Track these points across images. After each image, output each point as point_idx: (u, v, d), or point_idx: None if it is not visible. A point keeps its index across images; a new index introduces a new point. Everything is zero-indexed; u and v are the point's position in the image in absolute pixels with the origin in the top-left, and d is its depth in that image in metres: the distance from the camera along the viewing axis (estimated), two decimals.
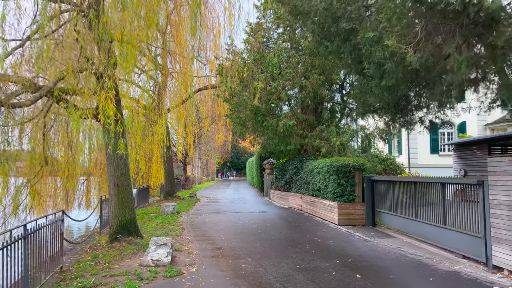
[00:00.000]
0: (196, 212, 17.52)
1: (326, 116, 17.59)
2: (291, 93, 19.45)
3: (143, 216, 15.93)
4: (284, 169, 21.02)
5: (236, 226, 12.91)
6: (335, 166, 12.80)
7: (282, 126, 16.38)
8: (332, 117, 18.02)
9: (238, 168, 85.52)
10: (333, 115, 18.15)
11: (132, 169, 26.31)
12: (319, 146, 16.58)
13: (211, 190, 38.14)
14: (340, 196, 12.73)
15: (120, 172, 9.50)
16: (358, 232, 11.17)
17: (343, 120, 19.40)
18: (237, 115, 19.16)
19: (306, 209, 16.36)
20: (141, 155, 25.35)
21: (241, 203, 22.40)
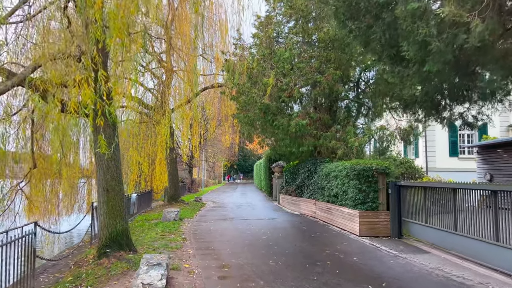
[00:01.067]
0: (201, 219, 16.16)
1: (342, 115, 16.14)
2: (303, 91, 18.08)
3: (143, 224, 14.60)
4: (295, 172, 19.60)
5: (244, 236, 11.52)
6: (356, 169, 11.36)
7: (294, 125, 14.98)
8: (348, 116, 16.57)
9: (245, 171, 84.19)
10: (349, 114, 16.71)
11: (135, 171, 25.15)
12: (335, 147, 15.15)
13: (217, 193, 36.81)
14: (362, 203, 11.28)
15: (111, 175, 8.17)
16: (385, 246, 9.71)
17: (359, 120, 17.95)
18: (245, 114, 17.82)
19: (321, 216, 14.91)
20: (143, 157, 24.13)
21: (249, 208, 21.01)
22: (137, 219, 16.25)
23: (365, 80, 17.78)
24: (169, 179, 23.80)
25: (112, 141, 8.20)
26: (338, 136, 15.72)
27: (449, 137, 26.49)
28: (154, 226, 13.94)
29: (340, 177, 12.47)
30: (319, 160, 15.95)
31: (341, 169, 12.47)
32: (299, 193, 18.40)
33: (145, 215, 17.79)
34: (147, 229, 13.20)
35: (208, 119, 31.39)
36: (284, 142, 16.40)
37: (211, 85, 24.90)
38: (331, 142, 15.14)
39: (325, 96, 15.86)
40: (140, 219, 16.24)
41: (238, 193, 36.66)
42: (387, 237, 11.10)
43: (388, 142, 16.67)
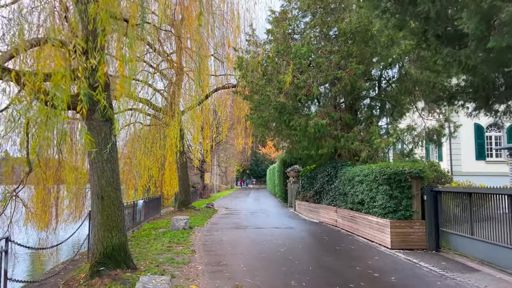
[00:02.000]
0: (212, 227, 14.97)
1: (366, 114, 14.80)
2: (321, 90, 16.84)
3: (150, 233, 13.48)
4: (313, 177, 18.29)
5: (260, 249, 10.27)
6: (386, 173, 10.03)
7: (313, 125, 13.71)
8: (371, 116, 15.23)
9: (258, 176, 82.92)
10: (371, 114, 15.36)
11: (144, 176, 24.17)
12: (358, 149, 13.84)
13: (230, 199, 35.63)
14: (393, 211, 9.94)
15: (106, 180, 7.04)
16: (424, 261, 8.36)
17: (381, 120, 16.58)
18: (259, 114, 16.64)
19: (344, 225, 13.58)
20: (153, 161, 23.12)
21: (263, 215, 19.75)
22: (144, 227, 15.16)
23: (387, 78, 16.45)
24: (180, 184, 22.75)
25: (108, 140, 7.11)
26: (361, 137, 14.41)
27: (475, 139, 24.87)
28: (161, 235, 12.81)
29: (367, 182, 11.15)
30: (340, 163, 14.63)
31: (367, 173, 11.15)
32: (318, 199, 17.08)
33: (153, 222, 16.69)
34: (153, 239, 12.06)
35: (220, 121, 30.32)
36: (301, 144, 15.14)
37: (223, 86, 23.81)
38: (354, 143, 13.83)
39: (346, 94, 14.57)
40: (147, 227, 15.14)
41: (251, 199, 35.44)
42: (422, 250, 9.73)
43: (415, 144, 15.30)
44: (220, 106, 25.94)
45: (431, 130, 14.51)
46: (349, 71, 13.57)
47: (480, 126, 23.83)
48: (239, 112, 24.89)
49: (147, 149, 21.64)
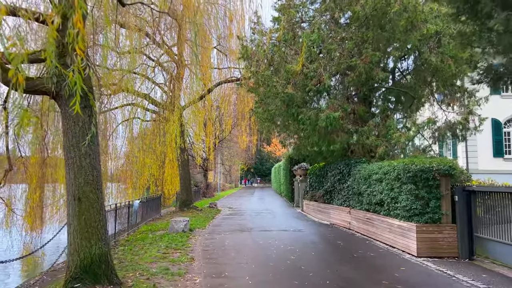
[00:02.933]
0: (214, 230, 13.80)
1: (381, 107, 13.52)
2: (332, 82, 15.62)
3: (146, 236, 12.34)
4: (323, 175, 17.07)
5: (267, 256, 9.08)
6: (412, 170, 8.80)
7: (325, 119, 12.49)
8: (387, 108, 13.95)
9: (263, 174, 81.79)
10: (386, 106, 14.07)
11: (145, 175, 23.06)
12: (374, 144, 12.61)
13: (234, 198, 34.48)
14: (420, 214, 8.71)
15: (84, 178, 5.88)
16: (461, 273, 7.13)
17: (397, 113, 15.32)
18: (265, 108, 15.46)
19: (358, 228, 12.35)
20: (153, 159, 22.02)
21: (269, 216, 18.56)
22: (141, 229, 14.02)
23: (401, 70, 15.18)
24: (181, 183, 21.62)
25: (87, 131, 5.94)
26: (377, 131, 13.18)
27: (492, 135, 23.53)
28: (158, 239, 11.65)
29: (387, 180, 9.92)
30: (354, 160, 13.40)
31: (388, 171, 9.92)
32: (328, 199, 15.86)
33: (152, 224, 15.55)
34: (149, 243, 10.91)
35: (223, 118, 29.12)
36: (311, 139, 13.92)
37: (226, 80, 22.64)
38: (369, 138, 12.60)
39: (361, 84, 13.31)
40: (144, 229, 14.01)
41: (255, 198, 34.26)
42: (453, 258, 8.50)
43: (434, 139, 14.04)
44: (223, 102, 24.76)
45: (454, 124, 13.23)
46: (364, 59, 12.33)
47: (498, 121, 22.52)
48: (243, 107, 23.70)
49: (146, 146, 20.52)
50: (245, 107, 23.48)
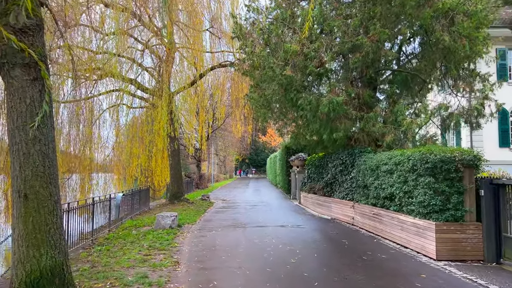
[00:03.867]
0: (205, 226, 12.61)
1: (388, 91, 12.26)
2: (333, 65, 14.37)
3: (128, 233, 11.13)
4: (323, 166, 15.90)
5: (264, 258, 7.90)
6: (430, 161, 7.63)
7: (327, 104, 11.26)
8: (394, 93, 12.73)
9: (258, 165, 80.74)
10: (394, 90, 12.84)
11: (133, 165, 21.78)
12: (381, 132, 11.42)
13: (228, 190, 33.33)
14: (440, 211, 7.56)
15: (33, 169, 4.61)
16: (493, 283, 6.00)
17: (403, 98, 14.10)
18: (261, 93, 14.23)
19: (363, 224, 11.22)
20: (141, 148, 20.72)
21: (265, 209, 17.41)
22: (125, 225, 12.80)
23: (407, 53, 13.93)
24: (171, 174, 20.35)
25: (37, 109, 4.67)
26: (383, 118, 12.00)
27: (499, 124, 22.37)
28: (142, 237, 10.46)
29: (399, 172, 8.75)
30: (359, 150, 12.22)
31: (400, 161, 8.74)
32: (329, 192, 14.71)
33: (138, 219, 14.34)
34: (131, 242, 9.70)
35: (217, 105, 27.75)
36: (311, 127, 12.70)
37: (220, 64, 21.29)
38: (377, 125, 11.41)
39: (367, 65, 12.05)
40: (128, 225, 12.79)
41: (250, 190, 33.12)
42: (478, 261, 7.38)
43: (445, 126, 12.91)
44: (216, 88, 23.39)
45: (468, 110, 12.07)
46: (372, 36, 11.06)
47: (505, 110, 21.40)
48: (237, 94, 22.37)
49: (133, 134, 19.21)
50: (239, 94, 22.16)
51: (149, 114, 18.80)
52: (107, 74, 17.21)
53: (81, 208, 9.37)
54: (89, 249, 9.02)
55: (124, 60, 18.78)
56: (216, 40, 22.08)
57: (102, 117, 19.07)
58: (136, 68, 18.83)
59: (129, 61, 19.06)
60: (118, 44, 18.13)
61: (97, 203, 10.49)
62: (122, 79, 17.37)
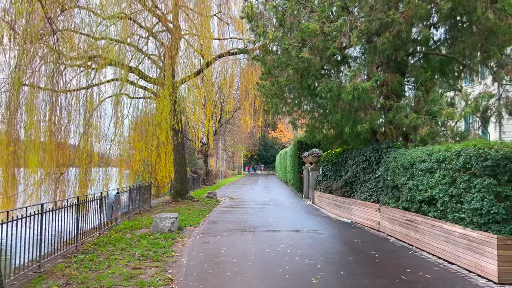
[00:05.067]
0: (209, 229, 11.14)
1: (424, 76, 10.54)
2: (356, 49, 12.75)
3: (121, 237, 9.71)
4: (341, 163, 14.32)
5: (280, 276, 6.37)
6: (491, 157, 6.03)
7: (351, 90, 9.64)
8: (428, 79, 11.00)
9: (267, 161, 79.33)
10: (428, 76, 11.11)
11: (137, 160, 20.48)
12: (414, 124, 9.78)
13: (236, 187, 31.89)
14: (503, 221, 5.96)
15: None
16: None
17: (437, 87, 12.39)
18: (273, 81, 12.71)
19: (392, 232, 9.64)
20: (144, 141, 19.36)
21: (276, 209, 15.90)
22: (120, 226, 11.40)
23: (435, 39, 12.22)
24: (175, 169, 18.95)
25: None
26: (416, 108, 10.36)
27: None
28: (135, 243, 9.03)
29: (445, 170, 7.15)
30: (386, 144, 10.62)
31: (445, 157, 7.14)
32: (348, 192, 13.13)
33: (135, 219, 12.94)
34: (121, 250, 8.28)
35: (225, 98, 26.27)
36: (331, 118, 11.11)
37: (228, 52, 19.75)
38: (410, 116, 9.77)
39: (398, 47, 10.42)
40: (124, 226, 11.39)
41: (259, 187, 31.64)
42: None
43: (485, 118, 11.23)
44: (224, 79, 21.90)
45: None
46: (406, 12, 9.43)
47: None
48: (247, 85, 20.86)
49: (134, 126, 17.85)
50: (249, 85, 20.65)
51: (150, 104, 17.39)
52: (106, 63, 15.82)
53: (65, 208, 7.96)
54: (70, 258, 7.61)
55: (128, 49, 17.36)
56: (224, 26, 20.59)
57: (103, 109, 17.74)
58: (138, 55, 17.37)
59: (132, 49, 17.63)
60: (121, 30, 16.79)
61: (83, 203, 9.07)
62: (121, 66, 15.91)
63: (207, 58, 18.70)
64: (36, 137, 15.07)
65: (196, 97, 20.02)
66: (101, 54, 16.25)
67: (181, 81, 18.03)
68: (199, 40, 18.92)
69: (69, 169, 17.23)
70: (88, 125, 16.43)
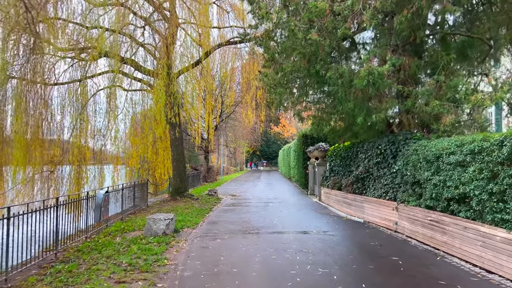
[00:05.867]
0: (208, 231, 10.11)
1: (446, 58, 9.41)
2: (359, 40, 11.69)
3: (110, 241, 8.71)
4: (351, 157, 13.27)
5: None
6: None
7: (365, 75, 8.59)
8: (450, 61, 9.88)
9: (269, 157, 78.31)
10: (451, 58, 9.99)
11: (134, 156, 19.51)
12: (436, 112, 8.71)
13: (238, 183, 30.87)
14: None
15: None
16: None
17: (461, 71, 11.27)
18: (277, 68, 11.66)
19: (413, 233, 8.59)
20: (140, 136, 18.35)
21: (280, 208, 14.87)
22: (110, 229, 10.38)
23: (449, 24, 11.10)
24: (173, 166, 17.91)
25: None
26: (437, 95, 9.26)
27: None
28: (124, 249, 8.01)
29: (481, 163, 6.09)
30: (404, 136, 9.56)
31: (484, 148, 6.08)
32: (360, 189, 12.07)
33: (129, 220, 11.92)
34: (106, 257, 7.26)
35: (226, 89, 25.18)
36: (343, 107, 10.06)
37: (228, 41, 18.66)
38: (430, 103, 8.68)
39: (413, 29, 9.33)
40: (115, 228, 10.38)
41: (262, 183, 30.61)
42: None
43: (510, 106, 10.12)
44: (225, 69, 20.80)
45: None
46: None
47: None
48: (248, 76, 19.77)
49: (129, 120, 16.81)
50: (250, 76, 19.58)
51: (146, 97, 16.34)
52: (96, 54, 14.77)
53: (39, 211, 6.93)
54: (46, 268, 6.60)
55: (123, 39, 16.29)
56: (224, 14, 19.49)
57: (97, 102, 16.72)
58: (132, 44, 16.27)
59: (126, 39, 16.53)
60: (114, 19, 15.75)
61: (65, 204, 8.05)
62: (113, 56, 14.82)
63: (205, 47, 17.59)
64: (22, 133, 14.07)
65: (195, 89, 18.97)
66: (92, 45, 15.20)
67: (178, 72, 16.98)
68: (197, 29, 17.85)
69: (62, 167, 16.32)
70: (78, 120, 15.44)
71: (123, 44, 16.72)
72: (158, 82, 13.93)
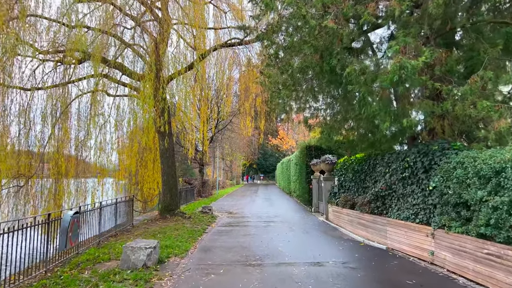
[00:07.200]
0: (199, 263, 8.22)
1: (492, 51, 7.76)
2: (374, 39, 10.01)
3: (72, 280, 6.81)
4: (366, 171, 11.50)
5: None
6: None
7: (396, 69, 6.89)
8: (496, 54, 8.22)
9: (266, 171, 76.33)
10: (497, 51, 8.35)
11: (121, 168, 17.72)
12: (485, 115, 6.99)
13: (235, 198, 28.92)
14: None
15: None
16: None
17: None
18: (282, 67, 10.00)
19: (459, 268, 6.77)
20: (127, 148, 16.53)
21: (284, 228, 13.00)
22: (82, 257, 8.48)
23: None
24: (163, 180, 16.02)
25: None
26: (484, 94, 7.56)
27: None
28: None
29: None
30: (440, 146, 7.82)
31: None
32: (379, 208, 10.26)
33: (107, 245, 10.01)
34: None
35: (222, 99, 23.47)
36: (366, 110, 8.27)
37: (225, 43, 17.01)
38: (478, 105, 6.96)
39: (452, 15, 7.70)
40: (87, 257, 8.47)
41: (261, 199, 28.68)
42: None
43: None
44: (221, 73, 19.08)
45: None
46: None
47: None
48: (247, 81, 18.08)
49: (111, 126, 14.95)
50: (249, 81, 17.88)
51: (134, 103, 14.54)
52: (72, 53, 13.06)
53: None
54: None
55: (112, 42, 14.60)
56: (221, 15, 17.90)
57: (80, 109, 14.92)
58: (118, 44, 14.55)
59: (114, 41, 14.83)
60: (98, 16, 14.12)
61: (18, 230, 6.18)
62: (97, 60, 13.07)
63: (200, 50, 15.92)
64: None
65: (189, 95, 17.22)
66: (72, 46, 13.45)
67: (170, 76, 15.26)
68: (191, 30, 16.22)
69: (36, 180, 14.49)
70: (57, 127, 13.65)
71: (110, 46, 15.05)
72: (144, 84, 12.18)
